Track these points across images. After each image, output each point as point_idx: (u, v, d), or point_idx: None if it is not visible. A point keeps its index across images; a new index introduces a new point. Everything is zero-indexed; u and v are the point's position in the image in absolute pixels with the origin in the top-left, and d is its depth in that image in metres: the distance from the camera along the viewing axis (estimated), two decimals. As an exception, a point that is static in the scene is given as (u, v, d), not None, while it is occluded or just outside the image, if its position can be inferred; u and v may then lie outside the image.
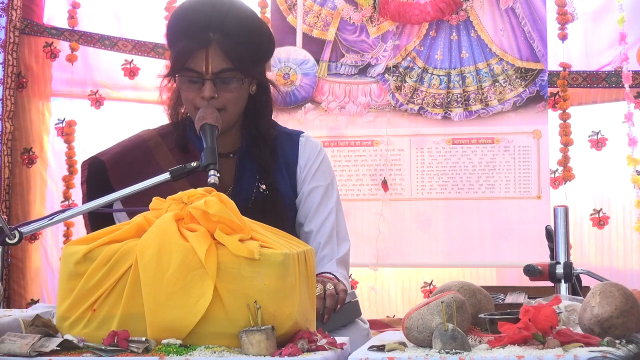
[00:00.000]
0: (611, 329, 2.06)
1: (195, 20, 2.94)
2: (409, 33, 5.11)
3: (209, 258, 2.07)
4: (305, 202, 3.10)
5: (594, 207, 5.11)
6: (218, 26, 2.93)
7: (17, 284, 5.23)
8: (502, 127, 5.07)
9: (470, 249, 5.06)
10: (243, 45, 2.96)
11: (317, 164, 3.14)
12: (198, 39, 2.92)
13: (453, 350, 1.96)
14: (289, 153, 3.13)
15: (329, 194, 3.13)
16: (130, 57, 5.34)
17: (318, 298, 2.72)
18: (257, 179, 3.06)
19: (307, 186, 3.11)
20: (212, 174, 2.61)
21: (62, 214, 2.54)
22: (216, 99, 2.94)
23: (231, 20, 2.96)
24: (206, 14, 2.94)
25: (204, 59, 2.92)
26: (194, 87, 2.95)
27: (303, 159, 3.13)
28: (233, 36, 2.94)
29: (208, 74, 2.93)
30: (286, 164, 3.11)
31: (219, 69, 2.94)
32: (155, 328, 2.07)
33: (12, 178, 5.24)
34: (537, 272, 2.92)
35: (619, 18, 5.01)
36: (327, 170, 3.17)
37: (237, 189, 3.04)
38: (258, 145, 3.08)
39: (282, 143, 3.13)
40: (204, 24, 2.93)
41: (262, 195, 3.05)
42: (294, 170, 3.12)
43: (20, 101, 5.27)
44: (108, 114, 5.35)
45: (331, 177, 3.17)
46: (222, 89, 2.95)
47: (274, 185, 3.07)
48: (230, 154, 3.08)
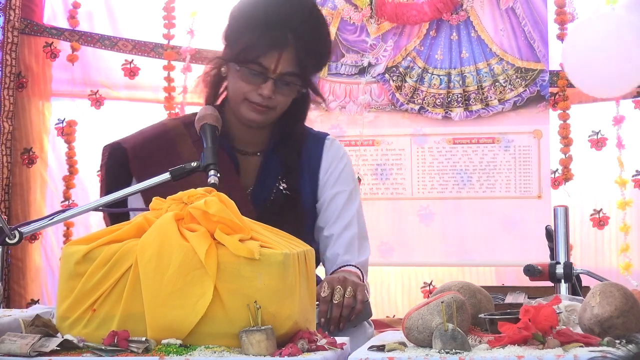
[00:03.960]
0: (611, 329, 2.06)
1: (275, 15, 2.90)
2: (409, 33, 5.12)
3: (209, 258, 2.07)
4: (328, 206, 3.06)
5: (594, 207, 5.11)
6: (296, 28, 2.90)
7: (17, 284, 5.23)
8: (503, 127, 5.08)
9: (470, 248, 5.06)
10: (313, 52, 2.95)
11: (340, 168, 3.10)
12: (276, 38, 2.89)
13: (453, 350, 1.96)
14: (313, 156, 3.09)
15: (352, 199, 3.09)
16: (130, 57, 5.34)
17: (324, 301, 2.69)
18: (279, 179, 3.04)
19: (329, 190, 3.07)
20: (212, 174, 2.60)
21: (62, 214, 2.54)
22: (271, 100, 2.93)
23: (309, 23, 2.94)
24: (286, 13, 2.91)
25: (275, 58, 2.89)
26: (252, 81, 2.92)
27: (326, 163, 3.09)
28: (307, 42, 2.92)
29: (275, 74, 2.90)
30: (309, 166, 3.08)
31: (286, 71, 2.91)
32: (155, 328, 2.07)
33: (12, 178, 5.25)
34: (537, 272, 2.92)
35: None
36: (350, 175, 3.13)
37: (258, 187, 3.02)
38: (285, 145, 3.05)
39: (307, 145, 3.10)
40: (283, 22, 2.90)
41: (282, 195, 3.02)
42: (317, 174, 3.08)
43: (20, 101, 5.27)
44: (108, 114, 5.35)
45: (354, 182, 3.13)
46: (279, 90, 2.93)
47: (295, 187, 3.04)
48: (258, 152, 3.06)
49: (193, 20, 5.28)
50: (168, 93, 5.29)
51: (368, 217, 5.05)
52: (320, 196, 3.07)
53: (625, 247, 5.02)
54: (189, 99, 5.31)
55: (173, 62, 5.30)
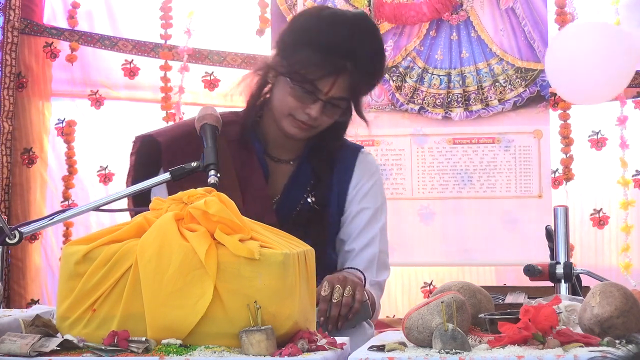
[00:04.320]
0: (611, 329, 2.06)
1: (336, 40, 2.85)
2: (409, 33, 5.12)
3: (209, 258, 2.06)
4: (352, 221, 3.02)
5: (594, 207, 5.11)
6: (355, 55, 2.85)
7: (17, 284, 5.24)
8: (503, 127, 5.08)
9: (471, 248, 5.06)
10: (367, 80, 2.93)
11: (369, 185, 3.05)
12: (335, 64, 2.84)
13: (453, 350, 1.96)
14: (345, 168, 3.05)
15: (377, 217, 3.05)
16: (130, 57, 5.34)
17: (324, 300, 2.69)
18: (307, 190, 3.00)
19: (356, 206, 3.03)
20: (212, 174, 2.59)
21: (62, 214, 2.53)
22: (316, 120, 2.90)
23: (369, 51, 2.90)
24: (348, 38, 2.85)
25: (330, 82, 2.85)
26: (302, 99, 2.87)
27: (357, 177, 3.05)
28: (363, 69, 2.88)
29: (326, 96, 2.87)
30: (340, 179, 3.04)
31: (338, 96, 2.88)
32: (155, 328, 2.07)
33: (12, 178, 5.25)
34: (537, 272, 2.92)
35: (615, 22, 5.02)
36: (379, 192, 3.08)
37: (285, 197, 2.98)
38: (319, 156, 3.02)
39: (341, 156, 3.05)
40: (344, 48, 2.84)
41: (308, 207, 2.98)
42: (346, 188, 3.04)
43: (20, 101, 5.28)
44: (108, 114, 5.36)
45: (382, 200, 3.08)
46: (326, 112, 2.90)
47: (323, 201, 3.00)
48: (290, 160, 3.02)
49: (190, 20, 5.28)
50: (165, 93, 5.28)
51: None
52: (346, 209, 3.03)
53: (626, 247, 5.02)
54: (188, 99, 5.32)
55: (173, 62, 5.30)
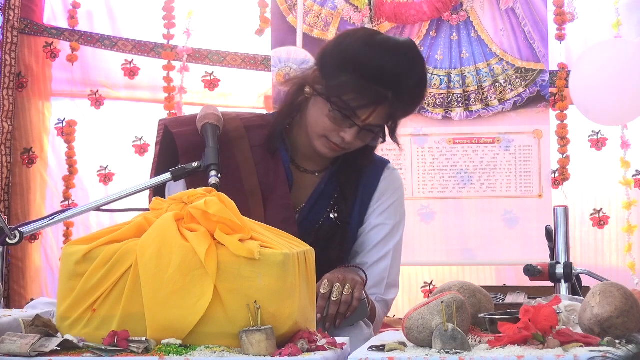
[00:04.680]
0: (611, 329, 2.06)
1: (381, 70, 2.78)
2: (409, 32, 5.12)
3: (209, 258, 2.06)
4: (368, 235, 2.99)
5: (594, 207, 5.11)
6: (398, 86, 2.80)
7: (17, 284, 5.24)
8: (503, 127, 5.08)
9: (471, 248, 5.06)
10: (406, 110, 2.90)
11: (390, 201, 3.02)
12: (377, 94, 2.78)
13: (453, 350, 1.96)
14: (369, 183, 3.01)
15: (392, 234, 3.00)
16: (130, 57, 5.34)
17: (323, 298, 2.69)
18: (331, 204, 2.96)
19: (374, 219, 2.99)
20: (213, 174, 2.59)
21: (62, 214, 2.54)
22: (349, 144, 2.86)
23: (412, 83, 2.83)
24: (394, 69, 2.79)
25: (370, 111, 2.80)
26: (338, 122, 2.82)
27: (380, 192, 3.01)
28: (405, 100, 2.83)
29: (363, 123, 2.82)
30: (364, 194, 3.00)
31: (375, 124, 2.84)
32: (155, 328, 2.07)
33: (12, 178, 5.25)
34: (537, 272, 2.92)
35: (614, 22, 5.02)
36: (399, 209, 3.04)
37: (308, 209, 2.95)
38: (346, 171, 2.98)
39: (367, 172, 3.01)
40: (388, 79, 2.79)
41: (330, 223, 2.95)
42: (368, 201, 3.00)
43: (21, 101, 5.28)
44: (108, 114, 5.36)
45: (400, 217, 3.04)
46: (360, 136, 2.85)
47: (346, 218, 2.97)
48: (316, 172, 2.98)
49: (190, 20, 5.28)
50: (168, 93, 5.28)
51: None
52: (365, 221, 3.00)
53: (628, 247, 5.02)
54: (188, 99, 5.32)
55: (174, 62, 5.30)
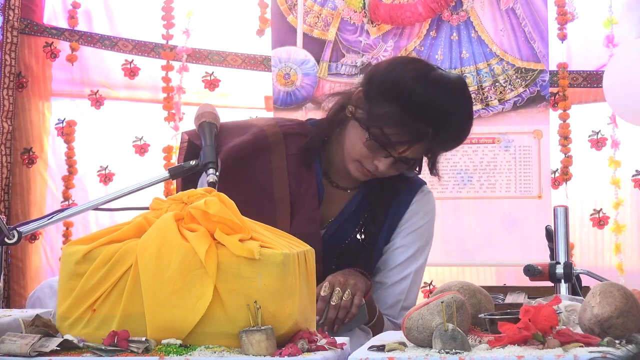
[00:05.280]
0: (611, 329, 2.06)
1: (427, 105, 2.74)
2: (409, 33, 5.12)
3: (209, 258, 2.06)
4: (390, 254, 2.97)
5: (594, 207, 5.11)
6: (440, 124, 2.75)
7: (17, 284, 5.24)
8: (503, 127, 5.08)
9: (471, 248, 5.06)
10: (446, 147, 2.88)
11: (419, 224, 2.98)
12: (417, 131, 2.74)
13: (453, 350, 1.96)
14: (401, 205, 2.96)
15: (415, 257, 2.97)
16: (131, 57, 5.34)
17: (323, 300, 2.69)
18: (360, 224, 2.94)
19: (400, 240, 2.96)
20: (211, 172, 2.59)
21: (61, 213, 2.53)
22: (381, 173, 2.83)
23: (455, 123, 2.81)
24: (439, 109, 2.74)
25: (408, 144, 2.77)
26: (373, 149, 2.78)
27: (410, 214, 2.97)
28: (444, 140, 2.82)
29: (399, 155, 2.78)
30: (394, 214, 2.96)
31: (412, 156, 2.81)
32: (155, 328, 2.07)
33: (12, 178, 5.25)
34: (537, 272, 2.91)
35: (605, 21, 5.02)
36: (426, 233, 3.00)
37: (334, 227, 2.92)
38: (378, 193, 2.93)
39: (400, 192, 2.96)
40: (431, 117, 2.74)
41: (356, 243, 2.92)
42: (397, 221, 2.96)
43: (21, 101, 5.27)
44: (108, 114, 5.36)
45: (426, 241, 3.00)
46: (395, 167, 2.83)
47: (373, 241, 2.93)
48: (348, 189, 2.95)
49: (189, 20, 5.28)
50: (167, 93, 5.28)
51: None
52: (392, 239, 2.97)
53: (617, 248, 5.03)
54: (188, 99, 5.32)
55: (173, 62, 5.30)
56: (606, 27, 5.02)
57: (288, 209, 2.86)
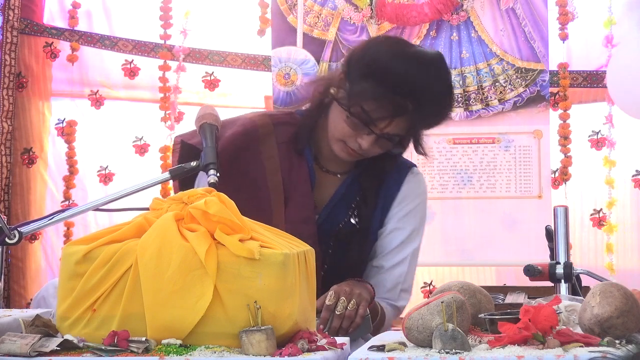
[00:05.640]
0: (611, 329, 2.06)
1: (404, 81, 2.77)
2: (409, 33, 5.12)
3: (209, 258, 2.06)
4: (386, 237, 2.99)
5: (594, 207, 5.11)
6: (419, 97, 2.78)
7: (17, 284, 5.23)
8: (503, 127, 5.08)
9: (471, 248, 5.06)
10: (428, 123, 2.89)
11: (411, 205, 3.00)
12: (397, 106, 2.77)
13: (453, 350, 1.96)
14: (391, 187, 2.99)
15: (411, 239, 3.00)
16: (131, 57, 5.34)
17: (327, 309, 2.69)
18: (352, 207, 2.96)
19: (394, 223, 2.98)
20: (212, 173, 2.59)
21: (62, 214, 2.53)
22: (365, 151, 2.86)
23: (434, 97, 2.82)
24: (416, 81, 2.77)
25: (388, 121, 2.80)
26: (355, 127, 2.82)
27: (402, 195, 2.99)
28: (425, 115, 2.83)
29: (381, 132, 2.82)
30: (386, 196, 2.98)
31: (393, 132, 2.83)
32: (155, 328, 2.07)
33: (12, 178, 5.25)
34: (537, 272, 2.92)
35: (605, 21, 5.02)
36: (420, 214, 3.02)
37: (328, 211, 2.95)
38: (369, 174, 2.96)
39: (390, 174, 3.00)
40: (409, 90, 2.77)
41: (350, 226, 2.95)
42: (390, 204, 2.98)
43: (21, 101, 5.27)
44: (108, 114, 5.35)
45: (420, 222, 3.02)
46: (378, 144, 2.85)
47: (366, 223, 2.96)
48: (339, 173, 2.98)
49: (187, 20, 5.28)
50: (164, 93, 5.28)
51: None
52: (385, 224, 2.99)
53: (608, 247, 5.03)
54: (188, 99, 5.31)
55: (171, 62, 5.30)
56: (606, 28, 5.02)
57: (282, 196, 2.88)
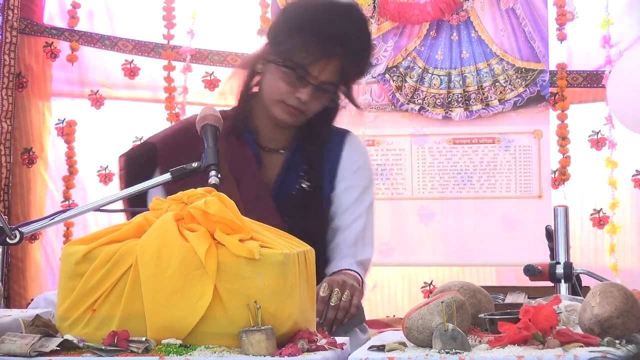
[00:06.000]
0: (611, 329, 2.06)
1: (327, 26, 2.93)
2: (409, 33, 5.12)
3: (209, 258, 2.06)
4: (339, 198, 3.09)
5: (594, 207, 5.11)
6: (345, 40, 2.94)
7: (17, 284, 5.24)
8: (503, 127, 5.08)
9: (471, 248, 5.06)
10: (356, 66, 3.01)
11: (358, 163, 3.12)
12: (326, 49, 2.91)
13: (453, 350, 1.96)
14: (334, 150, 3.12)
15: (363, 196, 3.10)
16: (131, 57, 5.34)
17: (322, 301, 2.70)
18: (301, 175, 3.07)
19: (344, 183, 3.09)
20: (213, 174, 2.60)
21: (62, 214, 2.53)
22: (306, 105, 2.97)
23: (357, 37, 2.98)
24: (338, 25, 2.94)
25: (320, 66, 2.93)
26: (292, 82, 2.95)
27: (345, 156, 3.12)
28: (353, 55, 2.96)
29: (316, 80, 2.94)
30: (330, 160, 3.11)
31: (328, 80, 2.96)
32: (155, 328, 2.07)
33: (12, 178, 5.25)
34: (537, 272, 2.92)
35: (602, 21, 5.02)
36: (367, 172, 3.15)
37: (278, 183, 3.05)
38: (309, 144, 3.09)
39: (330, 141, 3.13)
40: (334, 34, 2.93)
41: (303, 191, 3.05)
42: (336, 166, 3.10)
43: (21, 101, 5.28)
44: (108, 114, 5.36)
45: (369, 180, 3.15)
46: (316, 96, 2.97)
47: (317, 183, 3.07)
48: (281, 149, 3.09)
49: (193, 20, 5.28)
50: (169, 93, 5.29)
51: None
52: (336, 186, 3.09)
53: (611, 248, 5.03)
54: (190, 99, 5.32)
55: (174, 62, 5.30)
56: (603, 28, 5.02)
57: (233, 182, 2.95)
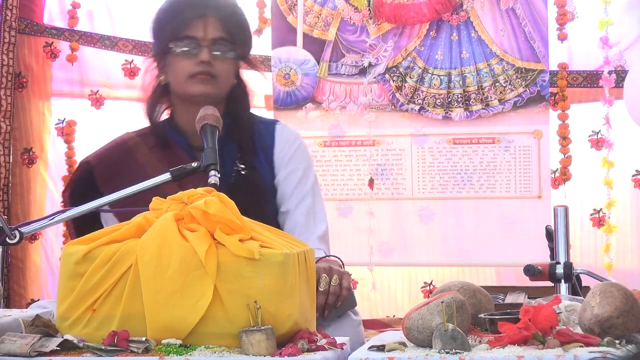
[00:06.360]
0: (611, 329, 2.06)
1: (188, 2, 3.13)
2: (409, 33, 5.12)
3: (209, 258, 2.07)
4: (283, 183, 3.18)
5: (594, 207, 5.11)
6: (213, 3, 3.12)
7: (17, 284, 5.23)
8: (503, 127, 5.08)
9: (470, 248, 5.06)
10: (235, 18, 3.16)
11: (293, 149, 3.22)
12: (196, 10, 3.09)
13: (453, 350, 1.96)
14: (266, 138, 3.22)
15: (305, 177, 3.21)
16: (130, 57, 5.34)
17: (321, 293, 2.73)
18: (235, 162, 3.14)
19: (283, 171, 3.19)
20: (213, 174, 2.61)
21: (62, 214, 2.53)
22: (211, 66, 3.08)
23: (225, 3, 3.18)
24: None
25: (201, 27, 3.09)
26: (189, 55, 3.09)
27: (279, 145, 3.21)
28: (226, 11, 3.14)
29: (206, 40, 3.09)
30: (263, 147, 3.20)
31: (215, 36, 3.10)
32: (155, 328, 2.07)
33: (12, 178, 5.25)
34: (537, 272, 2.92)
35: (600, 22, 5.02)
36: (304, 155, 3.25)
37: None
38: (237, 129, 3.17)
39: (259, 129, 3.23)
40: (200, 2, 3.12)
41: (241, 176, 3.13)
42: (271, 154, 3.20)
43: (21, 101, 5.27)
44: (108, 114, 5.35)
45: (307, 162, 3.25)
46: (217, 57, 3.10)
47: (252, 165, 3.15)
48: None
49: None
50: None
51: (368, 217, 5.10)
52: (277, 174, 3.19)
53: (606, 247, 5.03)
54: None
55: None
56: (600, 29, 5.02)
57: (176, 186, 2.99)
